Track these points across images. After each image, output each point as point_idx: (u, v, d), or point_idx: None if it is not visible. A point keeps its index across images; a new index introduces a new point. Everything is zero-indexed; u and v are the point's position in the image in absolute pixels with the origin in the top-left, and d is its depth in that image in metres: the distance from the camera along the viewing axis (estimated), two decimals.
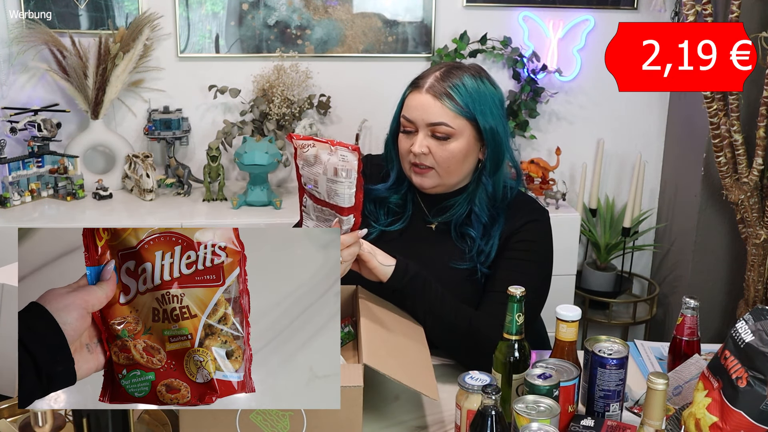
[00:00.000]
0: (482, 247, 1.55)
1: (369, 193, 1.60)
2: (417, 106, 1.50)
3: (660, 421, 1.09)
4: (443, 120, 1.48)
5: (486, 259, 1.55)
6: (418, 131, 1.51)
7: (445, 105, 1.48)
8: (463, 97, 1.49)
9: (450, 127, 1.49)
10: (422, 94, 1.50)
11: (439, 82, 1.50)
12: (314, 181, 1.32)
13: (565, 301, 1.48)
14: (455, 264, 1.55)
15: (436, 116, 1.49)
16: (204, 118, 2.79)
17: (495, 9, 2.81)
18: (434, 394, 1.25)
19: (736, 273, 2.81)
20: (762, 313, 1.14)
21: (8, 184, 2.46)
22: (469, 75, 1.52)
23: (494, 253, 1.55)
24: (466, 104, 1.49)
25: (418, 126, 1.51)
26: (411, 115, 1.51)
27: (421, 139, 1.50)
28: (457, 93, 1.49)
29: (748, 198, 2.52)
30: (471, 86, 1.50)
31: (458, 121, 1.49)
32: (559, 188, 2.72)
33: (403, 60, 2.80)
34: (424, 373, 1.30)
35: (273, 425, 1.15)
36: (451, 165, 1.52)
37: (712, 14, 2.38)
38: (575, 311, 1.29)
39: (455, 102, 1.49)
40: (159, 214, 2.45)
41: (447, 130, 1.49)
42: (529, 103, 2.83)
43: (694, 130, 2.80)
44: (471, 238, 1.56)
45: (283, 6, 2.71)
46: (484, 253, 1.55)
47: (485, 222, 1.56)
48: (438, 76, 1.51)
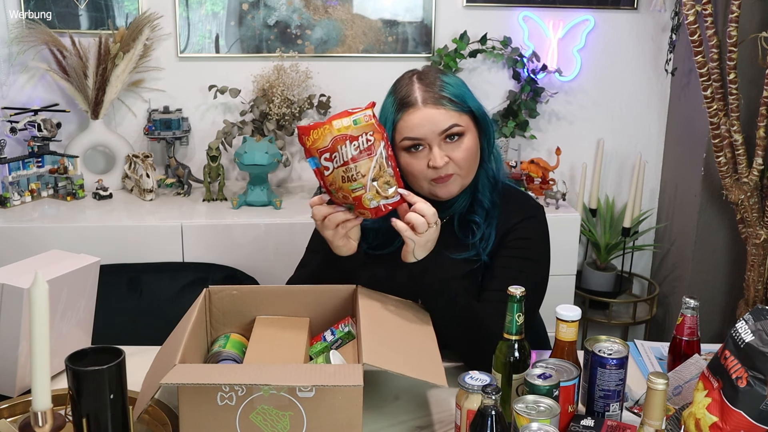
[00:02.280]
0: (486, 233, 1.55)
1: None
2: (422, 123, 1.47)
3: (660, 421, 1.09)
4: (452, 122, 1.48)
5: (486, 245, 1.55)
6: (430, 146, 1.48)
7: (448, 108, 1.48)
8: (455, 94, 1.49)
9: (460, 125, 1.48)
10: (421, 110, 1.47)
11: (426, 92, 1.48)
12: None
13: (565, 301, 1.48)
14: (455, 255, 1.55)
15: (445, 122, 1.47)
16: (204, 118, 2.79)
17: (495, 9, 2.81)
18: (441, 380, 1.23)
19: (736, 273, 2.81)
20: (762, 313, 1.14)
21: (8, 184, 2.46)
22: (440, 73, 1.53)
23: (492, 244, 1.55)
24: (460, 99, 1.49)
25: (429, 141, 1.48)
26: (418, 133, 1.47)
27: (438, 150, 1.48)
28: (449, 93, 1.48)
29: (748, 198, 2.52)
30: (451, 81, 1.51)
31: (462, 118, 1.49)
32: (559, 188, 2.72)
33: (403, 60, 2.80)
34: (430, 362, 1.29)
35: (273, 425, 1.15)
36: (469, 162, 1.51)
37: (712, 14, 2.39)
38: (575, 311, 1.29)
39: (453, 102, 1.48)
40: (159, 214, 2.45)
41: (458, 129, 1.48)
42: (529, 103, 2.83)
43: (694, 130, 2.80)
44: (476, 224, 1.56)
45: (283, 6, 2.71)
46: (485, 239, 1.55)
47: (488, 207, 1.56)
48: (422, 87, 1.49)
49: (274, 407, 1.14)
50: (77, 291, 1.45)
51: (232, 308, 1.48)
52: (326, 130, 1.32)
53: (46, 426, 1.06)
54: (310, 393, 1.14)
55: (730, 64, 2.38)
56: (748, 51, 2.45)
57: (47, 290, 1.03)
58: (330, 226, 1.40)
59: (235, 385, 1.13)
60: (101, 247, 2.27)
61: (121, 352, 1.15)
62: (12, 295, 1.30)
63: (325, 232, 1.42)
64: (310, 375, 1.15)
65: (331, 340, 1.42)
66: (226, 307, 1.48)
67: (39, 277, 1.02)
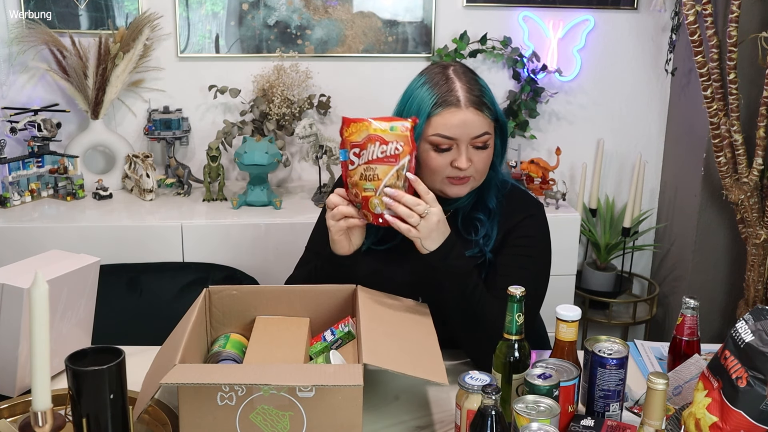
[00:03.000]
0: (489, 231, 1.56)
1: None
2: (460, 124, 1.46)
3: (660, 421, 1.09)
4: (485, 130, 1.47)
5: (489, 242, 1.56)
6: (459, 147, 1.47)
7: (485, 115, 1.47)
8: (491, 101, 1.49)
9: (489, 133, 1.49)
10: (462, 110, 1.45)
11: (470, 92, 1.47)
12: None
13: (565, 301, 1.48)
14: None
15: (479, 128, 1.47)
16: (204, 118, 2.79)
17: (495, 9, 2.81)
18: (442, 378, 1.23)
19: (736, 273, 2.81)
20: (762, 313, 1.14)
21: (8, 184, 2.46)
22: (472, 73, 1.52)
23: (494, 241, 1.56)
24: (494, 107, 1.49)
25: (459, 142, 1.47)
26: (453, 133, 1.46)
27: (465, 153, 1.47)
28: (488, 99, 1.48)
29: (748, 198, 2.52)
30: (485, 86, 1.51)
31: (491, 125, 1.50)
32: (559, 188, 2.72)
33: (403, 60, 2.80)
34: (430, 361, 1.28)
35: (273, 425, 1.15)
36: (486, 168, 1.52)
37: (712, 14, 2.39)
38: (575, 311, 1.29)
39: (490, 109, 1.48)
40: (159, 214, 2.45)
41: (487, 138, 1.48)
42: (529, 103, 2.83)
43: (694, 130, 2.80)
44: (480, 221, 1.57)
45: (283, 6, 2.71)
46: (489, 237, 1.56)
47: (492, 207, 1.57)
48: (465, 88, 1.47)
49: (274, 407, 1.14)
50: (77, 291, 1.45)
51: (232, 308, 1.48)
52: (363, 127, 1.38)
53: (46, 426, 1.06)
54: (310, 393, 1.14)
55: (730, 64, 2.38)
56: (748, 51, 2.45)
57: (47, 290, 1.03)
58: (336, 215, 1.43)
59: (235, 385, 1.13)
60: (101, 247, 2.27)
61: (121, 352, 1.15)
62: (12, 295, 1.30)
63: (329, 220, 1.45)
64: (310, 375, 1.15)
65: (331, 340, 1.42)
66: (226, 307, 1.48)
67: (39, 277, 1.02)
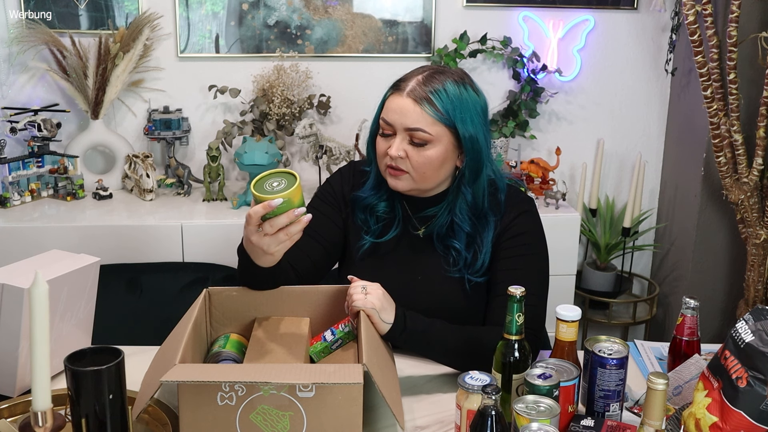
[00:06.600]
0: (469, 259, 1.54)
1: (358, 200, 1.60)
2: (396, 110, 1.47)
3: (660, 421, 1.09)
4: (421, 126, 1.46)
5: (481, 268, 1.54)
6: (396, 134, 1.48)
7: (425, 110, 1.45)
8: (444, 103, 1.46)
9: (428, 133, 1.46)
10: (402, 98, 1.47)
11: (420, 86, 1.46)
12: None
13: (565, 301, 1.48)
14: (445, 272, 1.55)
15: (414, 121, 1.46)
16: (204, 118, 2.79)
17: (495, 9, 2.81)
18: (401, 421, 1.22)
19: (736, 273, 2.81)
20: (762, 313, 1.14)
21: (8, 184, 2.46)
22: (452, 81, 1.48)
23: (488, 259, 1.54)
24: (446, 110, 1.46)
25: (396, 129, 1.48)
26: (390, 118, 1.48)
27: (399, 142, 1.48)
28: (437, 98, 1.45)
29: (748, 198, 2.52)
30: (453, 92, 1.46)
31: (437, 128, 1.46)
32: (559, 188, 2.72)
33: (403, 60, 2.80)
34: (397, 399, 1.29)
35: (273, 425, 1.15)
36: (426, 171, 1.49)
37: (712, 14, 2.39)
38: (575, 311, 1.29)
39: (435, 108, 1.45)
40: (159, 214, 2.45)
41: (424, 137, 1.46)
42: (529, 103, 2.83)
43: (694, 130, 2.80)
44: (456, 250, 1.54)
45: (283, 6, 2.71)
46: (474, 265, 1.54)
47: (468, 231, 1.54)
48: (420, 80, 1.47)
49: (274, 407, 1.14)
50: (77, 291, 1.45)
51: (232, 308, 1.48)
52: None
53: (46, 426, 1.06)
54: (310, 393, 1.14)
55: (730, 64, 2.38)
56: (748, 51, 2.45)
57: (47, 290, 1.03)
58: (270, 230, 1.33)
59: (235, 385, 1.13)
60: (101, 247, 2.27)
61: (120, 353, 1.15)
62: (12, 295, 1.30)
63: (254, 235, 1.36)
64: (310, 374, 1.15)
65: (331, 340, 1.42)
66: (226, 307, 1.48)
67: (39, 277, 1.02)
